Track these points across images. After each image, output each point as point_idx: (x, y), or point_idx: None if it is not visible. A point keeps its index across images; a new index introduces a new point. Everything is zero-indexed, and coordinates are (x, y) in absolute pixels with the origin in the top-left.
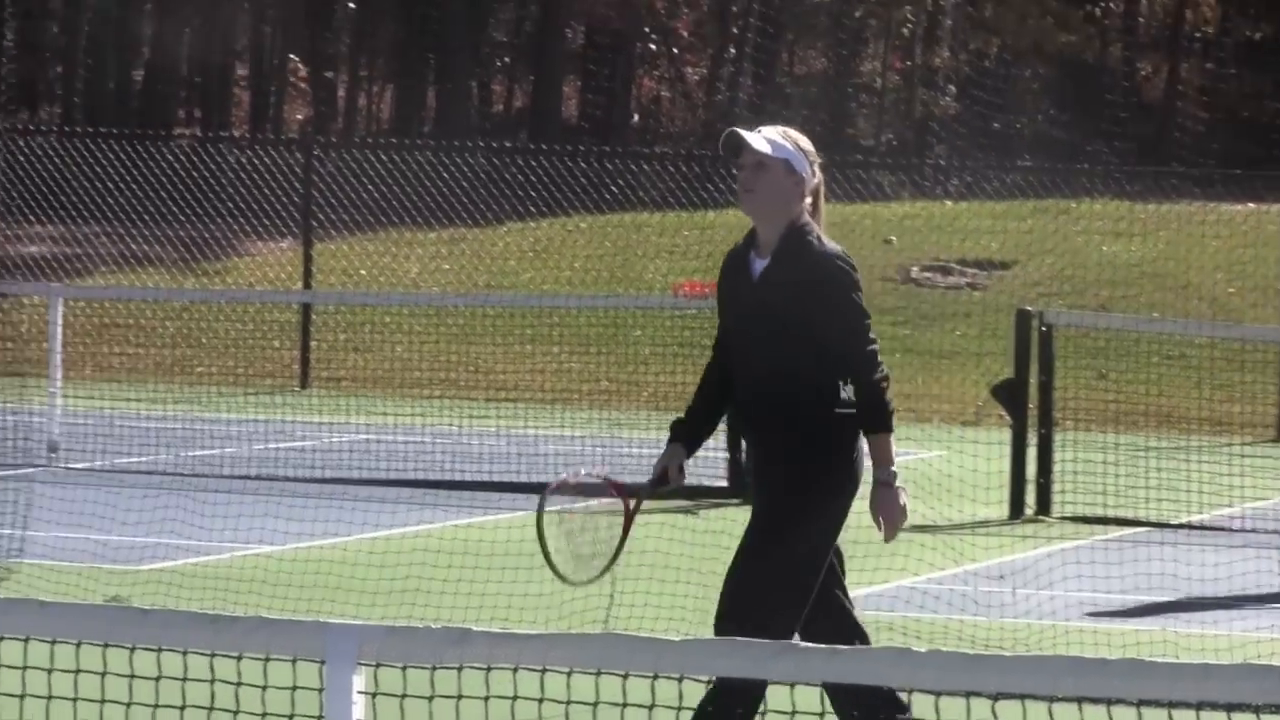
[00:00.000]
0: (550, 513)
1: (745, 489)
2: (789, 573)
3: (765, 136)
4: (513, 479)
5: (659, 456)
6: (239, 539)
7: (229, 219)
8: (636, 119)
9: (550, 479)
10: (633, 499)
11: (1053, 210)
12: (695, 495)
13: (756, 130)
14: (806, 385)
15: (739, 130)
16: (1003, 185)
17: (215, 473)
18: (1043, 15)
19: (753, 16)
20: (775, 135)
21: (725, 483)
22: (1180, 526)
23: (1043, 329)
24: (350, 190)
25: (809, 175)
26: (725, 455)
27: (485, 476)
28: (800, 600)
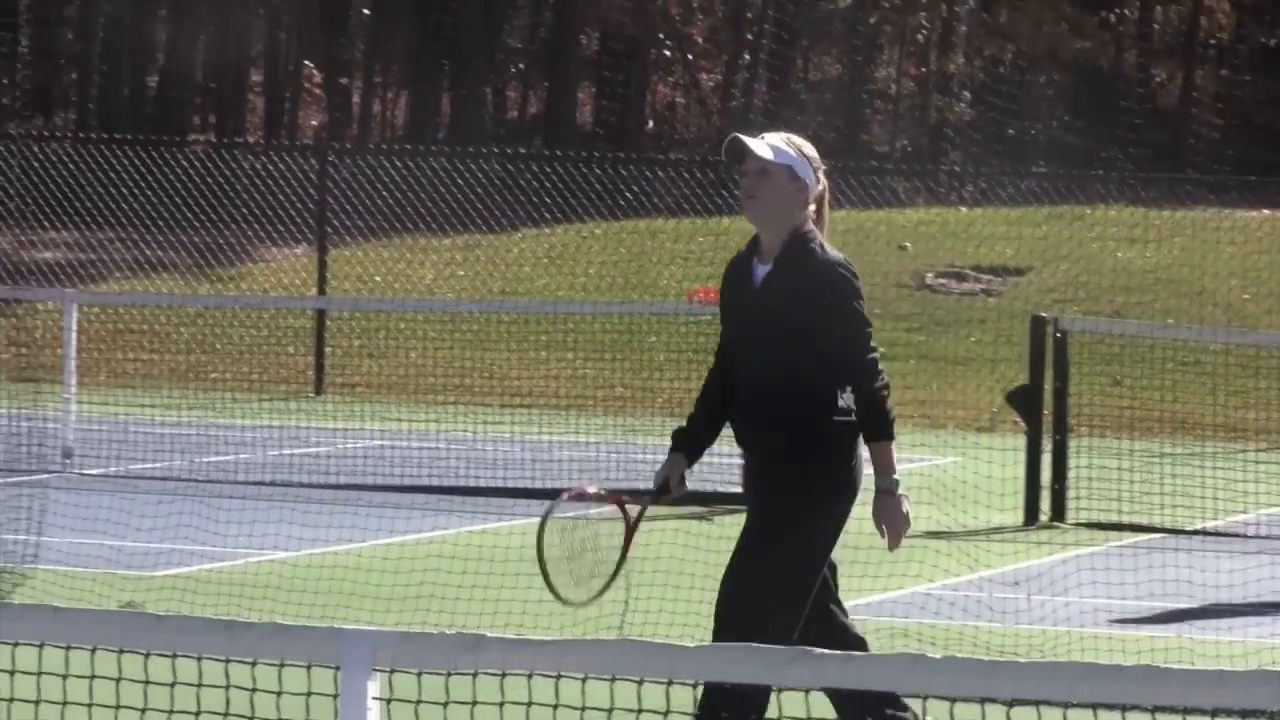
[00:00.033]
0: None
1: None
2: (788, 574)
3: (768, 143)
4: (527, 485)
5: (660, 466)
6: (254, 545)
7: (244, 225)
8: (651, 125)
9: (564, 485)
10: (634, 511)
11: (1067, 216)
12: (709, 501)
13: (760, 136)
14: (807, 391)
15: (741, 136)
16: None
17: (230, 478)
18: (1058, 21)
19: (767, 23)
20: (779, 141)
21: (740, 488)
22: (1195, 533)
23: (1057, 335)
24: (365, 196)
25: (812, 182)
26: (739, 460)
27: (500, 482)
28: (799, 602)
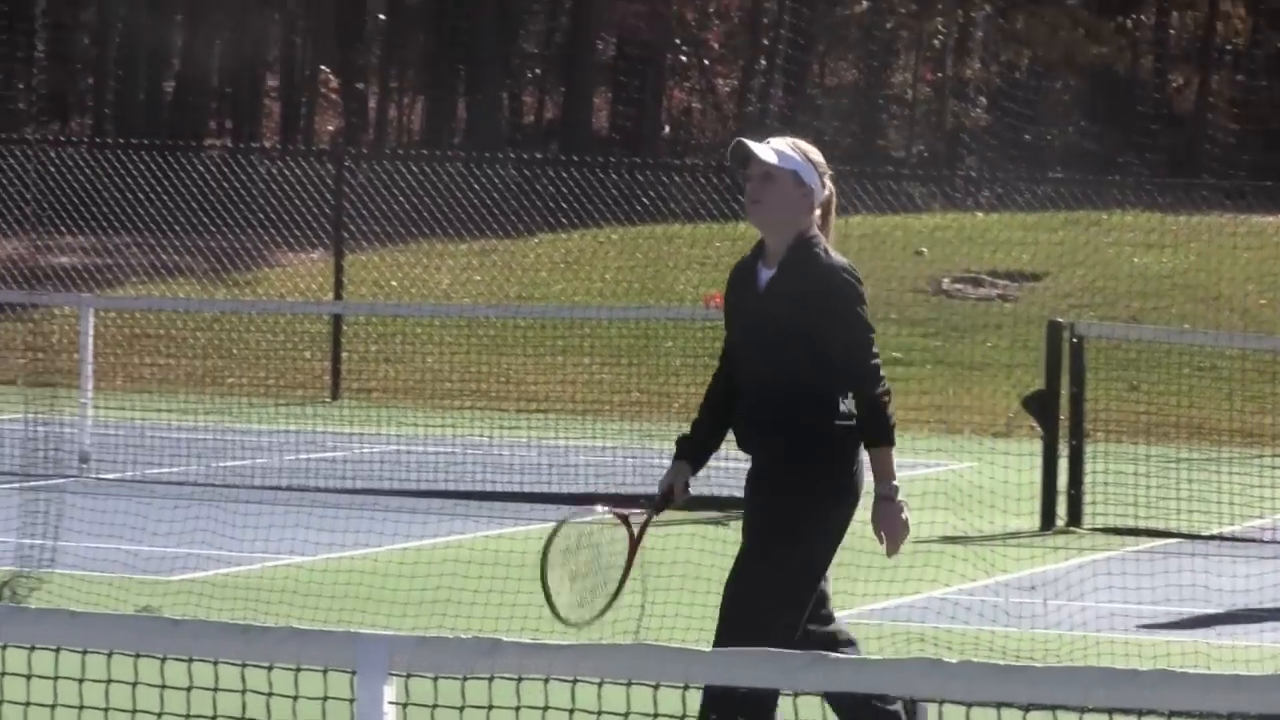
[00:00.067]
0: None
1: None
2: (788, 575)
3: (773, 147)
4: (544, 490)
5: (664, 474)
6: (270, 549)
7: (260, 230)
8: (667, 130)
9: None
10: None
11: (1084, 222)
12: (725, 506)
13: (765, 141)
14: (809, 395)
15: (746, 141)
16: (1034, 197)
17: (246, 483)
18: (1074, 27)
19: (784, 28)
20: (784, 146)
21: None
22: (1212, 538)
23: (1074, 340)
24: (381, 201)
25: (818, 187)
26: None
27: (516, 487)
28: (799, 605)
